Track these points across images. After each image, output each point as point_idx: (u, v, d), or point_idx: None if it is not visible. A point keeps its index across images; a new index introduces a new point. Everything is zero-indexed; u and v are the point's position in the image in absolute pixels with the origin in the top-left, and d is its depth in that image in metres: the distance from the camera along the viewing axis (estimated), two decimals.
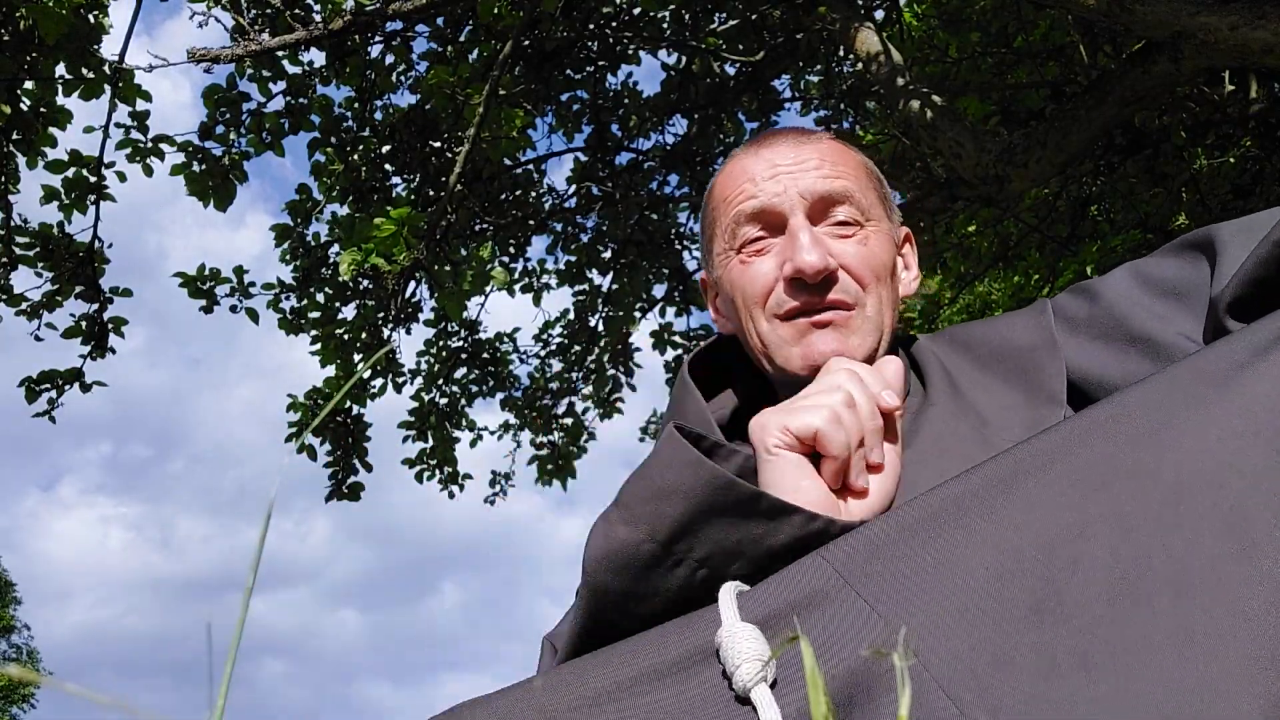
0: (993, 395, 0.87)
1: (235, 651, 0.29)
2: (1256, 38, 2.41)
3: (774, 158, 0.92)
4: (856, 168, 0.94)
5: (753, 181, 0.92)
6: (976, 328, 0.95)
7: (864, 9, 4.13)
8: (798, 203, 0.90)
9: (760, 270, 0.91)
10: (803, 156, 0.92)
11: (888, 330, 0.92)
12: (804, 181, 0.90)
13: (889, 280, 0.93)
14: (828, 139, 0.96)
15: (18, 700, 22.59)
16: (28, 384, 4.34)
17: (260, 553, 0.31)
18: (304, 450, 5.02)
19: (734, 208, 0.93)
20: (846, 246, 0.90)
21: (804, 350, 0.89)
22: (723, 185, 0.97)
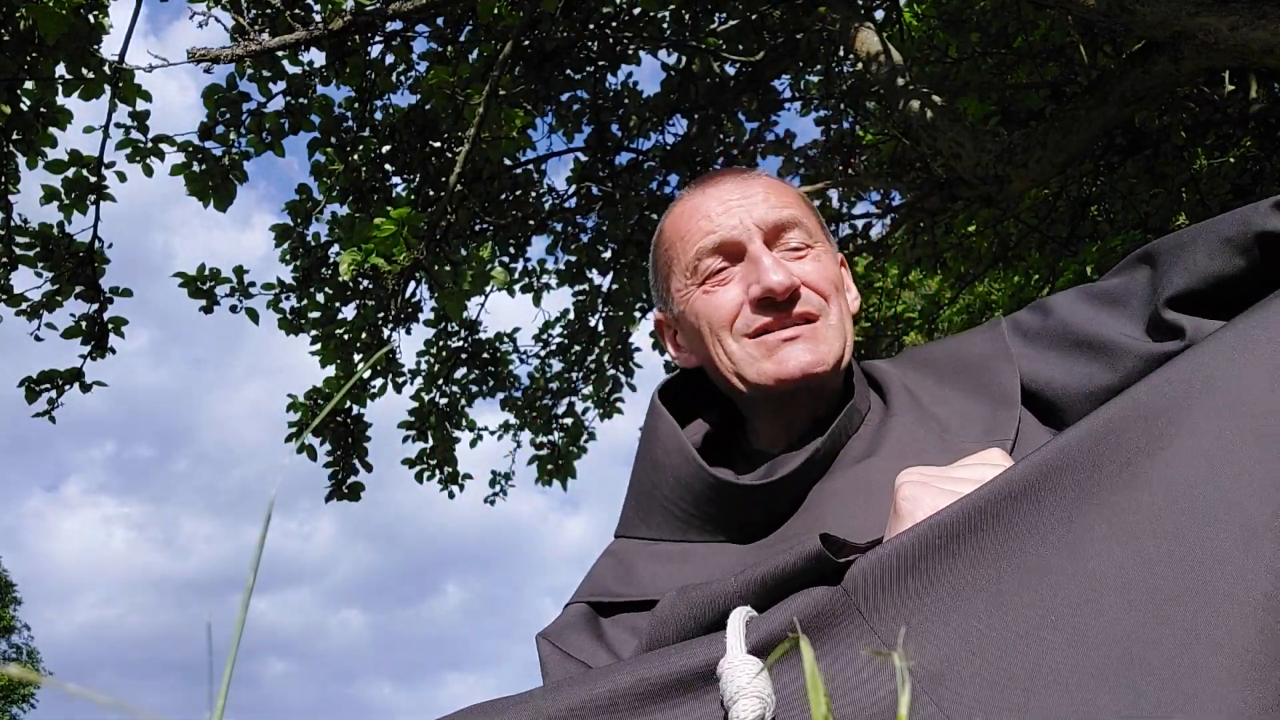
0: (952, 405, 0.93)
1: (235, 651, 0.29)
2: (1256, 38, 2.41)
3: (722, 194, 0.99)
4: (796, 198, 1.02)
5: (708, 218, 0.98)
6: (934, 347, 1.03)
7: (864, 9, 4.13)
8: (754, 231, 0.96)
9: (726, 297, 0.96)
10: (749, 191, 0.99)
11: (849, 339, 0.98)
12: (756, 212, 0.97)
13: (842, 293, 1.00)
14: (766, 175, 1.04)
15: (18, 700, 22.59)
16: (28, 384, 4.34)
17: (260, 553, 0.31)
18: (304, 450, 5.02)
19: (694, 244, 0.98)
20: (804, 265, 0.97)
21: (777, 364, 0.94)
22: (675, 226, 1.02)
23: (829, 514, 0.88)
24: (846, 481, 0.90)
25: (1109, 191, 4.91)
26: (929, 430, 0.91)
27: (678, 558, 0.93)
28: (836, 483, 0.91)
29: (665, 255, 1.03)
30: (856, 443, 0.95)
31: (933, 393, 0.96)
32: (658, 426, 0.99)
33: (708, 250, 0.97)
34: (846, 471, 0.92)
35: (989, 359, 0.95)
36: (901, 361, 1.03)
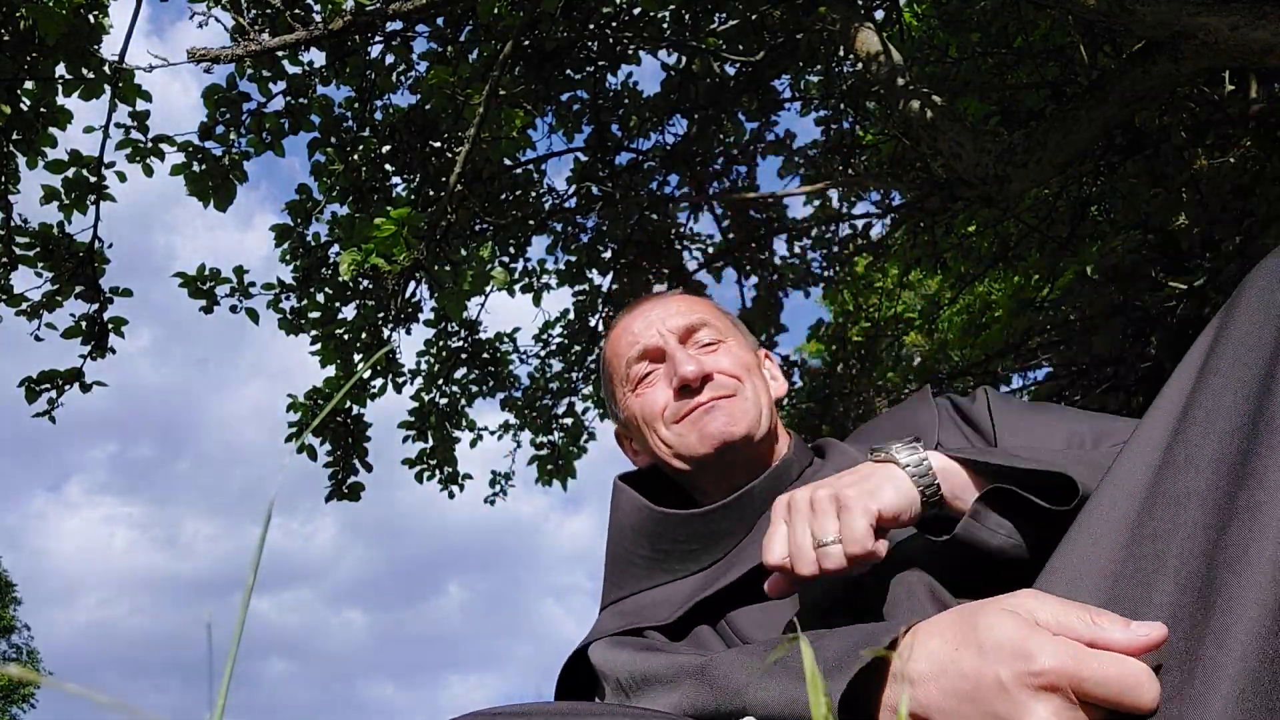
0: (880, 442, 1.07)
1: (235, 651, 0.29)
2: (1256, 38, 2.40)
3: (643, 312, 1.18)
4: (706, 305, 1.21)
5: (631, 333, 1.17)
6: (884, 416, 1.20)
7: (864, 9, 4.13)
8: (669, 335, 1.15)
9: (654, 394, 1.14)
10: (665, 306, 1.18)
11: (766, 412, 1.12)
12: (670, 321, 1.16)
13: (756, 375, 1.15)
14: (680, 293, 1.24)
15: (18, 700, 22.59)
16: (28, 384, 4.34)
17: (260, 553, 0.31)
18: (304, 450, 5.02)
19: (623, 358, 1.17)
20: (715, 356, 1.14)
21: (700, 432, 1.08)
22: (611, 348, 1.21)
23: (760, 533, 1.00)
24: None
25: (1109, 191, 4.91)
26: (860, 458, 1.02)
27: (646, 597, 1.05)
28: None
29: (608, 374, 1.22)
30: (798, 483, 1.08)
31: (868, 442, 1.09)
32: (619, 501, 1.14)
33: (634, 359, 1.16)
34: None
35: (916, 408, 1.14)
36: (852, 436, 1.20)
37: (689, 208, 5.72)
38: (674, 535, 1.06)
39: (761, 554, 0.85)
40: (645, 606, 1.04)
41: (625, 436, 1.24)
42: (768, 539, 0.84)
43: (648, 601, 1.05)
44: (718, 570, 1.02)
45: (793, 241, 5.91)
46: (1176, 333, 5.00)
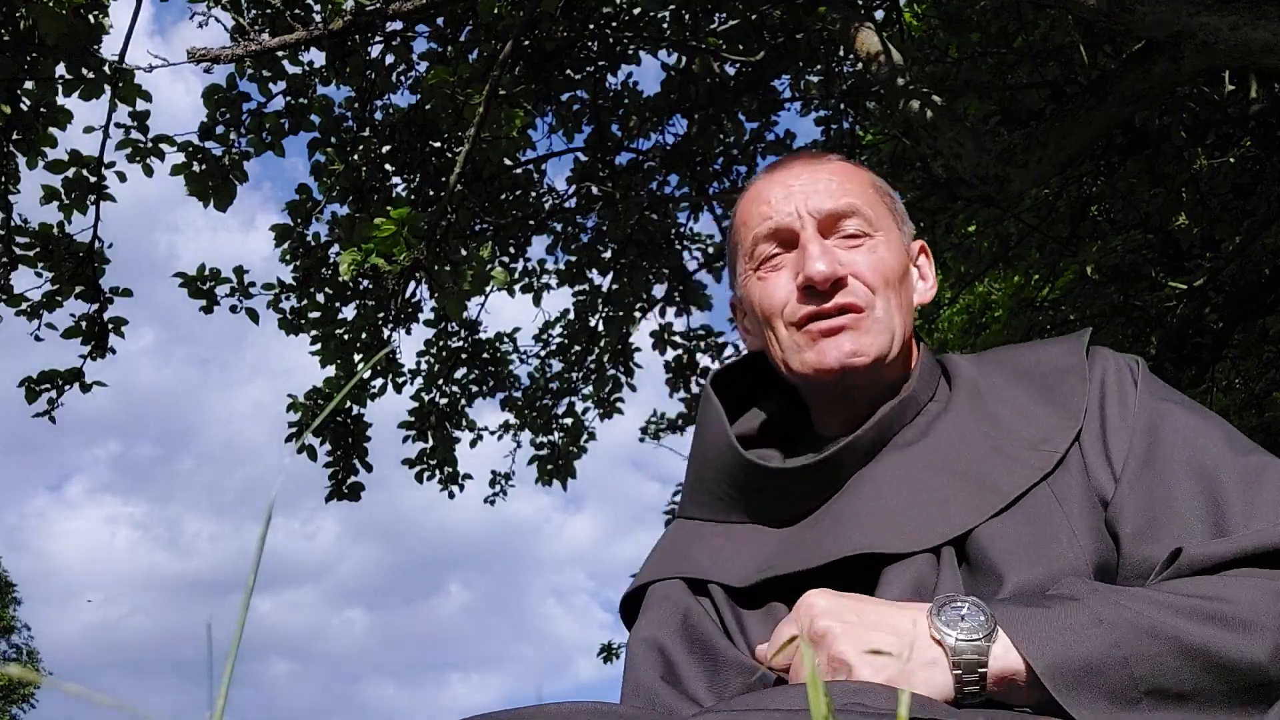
0: (1013, 405, 0.94)
1: (236, 651, 0.29)
2: (1256, 38, 2.40)
3: (787, 179, 1.01)
4: (864, 185, 1.02)
5: (768, 204, 1.00)
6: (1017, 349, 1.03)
7: (864, 9, 4.13)
8: (808, 220, 0.97)
9: (777, 284, 0.98)
10: (814, 177, 1.00)
11: (899, 333, 0.98)
12: (814, 201, 0.98)
13: (899, 286, 0.99)
14: (837, 160, 1.04)
15: (18, 700, 22.58)
16: (28, 384, 4.34)
17: (260, 553, 0.31)
18: (304, 450, 5.02)
19: (752, 230, 1.01)
20: (855, 255, 0.97)
21: (817, 355, 0.95)
22: (743, 211, 1.05)
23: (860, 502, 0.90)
24: (885, 469, 0.92)
25: (1109, 191, 4.91)
26: (979, 426, 0.93)
27: (721, 537, 0.97)
28: (875, 470, 0.92)
29: (734, 240, 1.06)
30: (909, 431, 0.96)
31: (999, 391, 0.96)
32: (707, 414, 1.02)
33: (763, 236, 1.00)
34: (888, 458, 0.93)
35: (1066, 373, 0.95)
36: (982, 358, 1.04)
37: (689, 208, 5.72)
38: (756, 484, 0.96)
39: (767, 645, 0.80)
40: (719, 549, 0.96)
41: (739, 311, 1.10)
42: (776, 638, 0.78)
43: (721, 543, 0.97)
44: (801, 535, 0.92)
45: None
46: (1176, 333, 5.00)
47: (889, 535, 0.85)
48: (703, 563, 0.96)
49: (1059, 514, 0.83)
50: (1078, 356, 0.96)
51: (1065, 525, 0.82)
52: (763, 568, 0.91)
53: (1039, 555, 0.81)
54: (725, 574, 0.93)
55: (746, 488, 0.97)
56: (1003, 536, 0.83)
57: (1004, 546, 0.82)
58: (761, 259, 1.00)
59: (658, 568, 1.00)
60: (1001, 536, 0.83)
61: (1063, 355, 0.97)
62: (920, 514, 0.86)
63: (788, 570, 0.88)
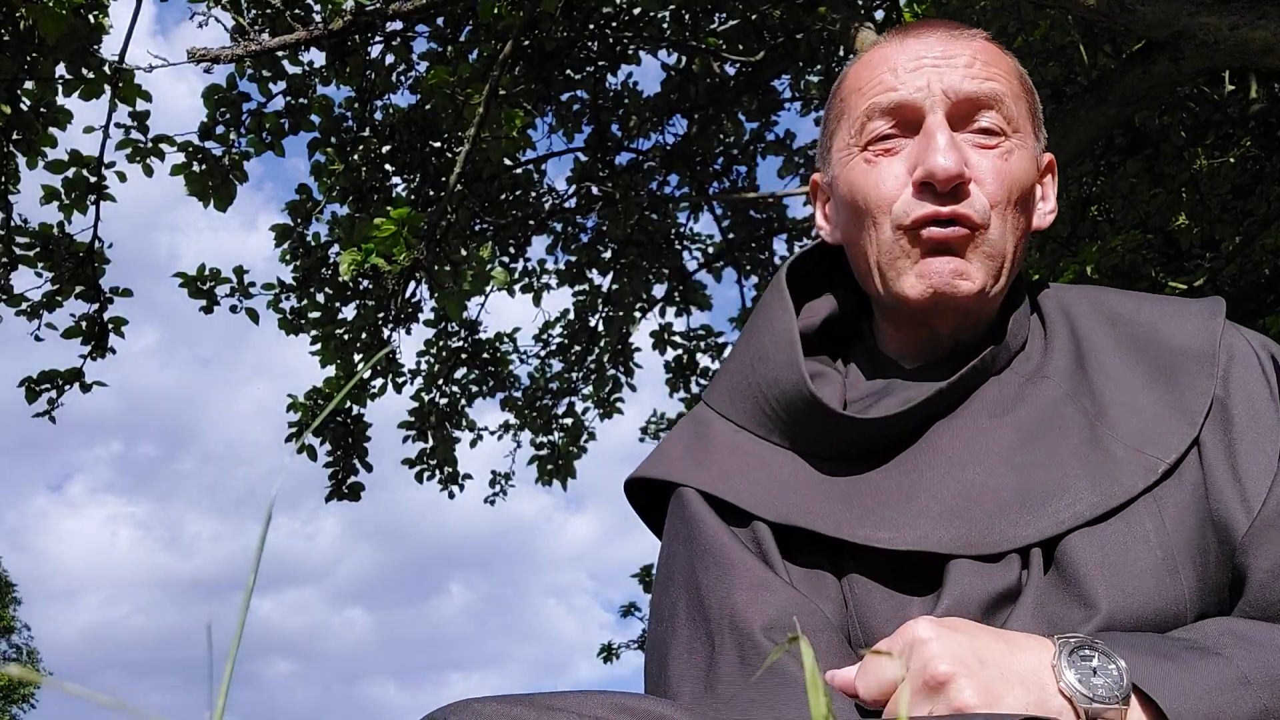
0: (1121, 385, 0.79)
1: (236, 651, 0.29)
2: (1256, 38, 2.41)
3: (920, 49, 0.82)
4: (1010, 73, 0.84)
5: (893, 72, 0.82)
6: (1131, 302, 0.85)
7: (864, 9, 4.14)
8: (939, 100, 0.80)
9: (889, 173, 0.81)
10: (953, 52, 0.82)
11: (1010, 259, 0.81)
12: (950, 78, 0.80)
13: (1021, 205, 0.82)
14: (983, 37, 0.85)
15: (18, 700, 22.58)
16: (28, 384, 4.34)
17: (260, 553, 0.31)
18: (304, 450, 5.02)
19: (868, 99, 0.83)
20: (985, 158, 0.80)
21: (917, 275, 0.79)
22: (857, 74, 0.86)
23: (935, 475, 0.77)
24: (965, 437, 0.78)
25: (1109, 191, 4.91)
26: (1080, 408, 0.78)
27: (753, 458, 0.82)
28: (956, 434, 0.79)
29: (838, 107, 0.88)
30: (994, 388, 0.81)
31: (1104, 359, 0.80)
32: (773, 311, 0.87)
33: (880, 109, 0.82)
34: (970, 423, 0.79)
35: (1188, 358, 0.79)
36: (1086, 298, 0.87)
37: (689, 208, 5.72)
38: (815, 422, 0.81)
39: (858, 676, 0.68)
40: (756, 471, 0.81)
41: (822, 192, 0.92)
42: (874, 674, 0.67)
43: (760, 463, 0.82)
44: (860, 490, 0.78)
45: (793, 241, 5.91)
46: None
47: (963, 530, 0.73)
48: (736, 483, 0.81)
49: (1164, 536, 0.72)
50: (1209, 340, 0.79)
51: (1168, 552, 0.71)
52: (807, 511, 0.77)
53: (1135, 584, 0.70)
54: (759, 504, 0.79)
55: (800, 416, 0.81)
56: (1095, 553, 0.71)
57: (1096, 566, 0.71)
58: (873, 136, 0.82)
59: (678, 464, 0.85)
60: (1094, 553, 0.71)
61: (1190, 335, 0.80)
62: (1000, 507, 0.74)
63: (839, 535, 0.75)
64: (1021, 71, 0.87)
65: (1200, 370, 0.78)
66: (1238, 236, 4.51)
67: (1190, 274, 4.84)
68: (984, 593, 0.71)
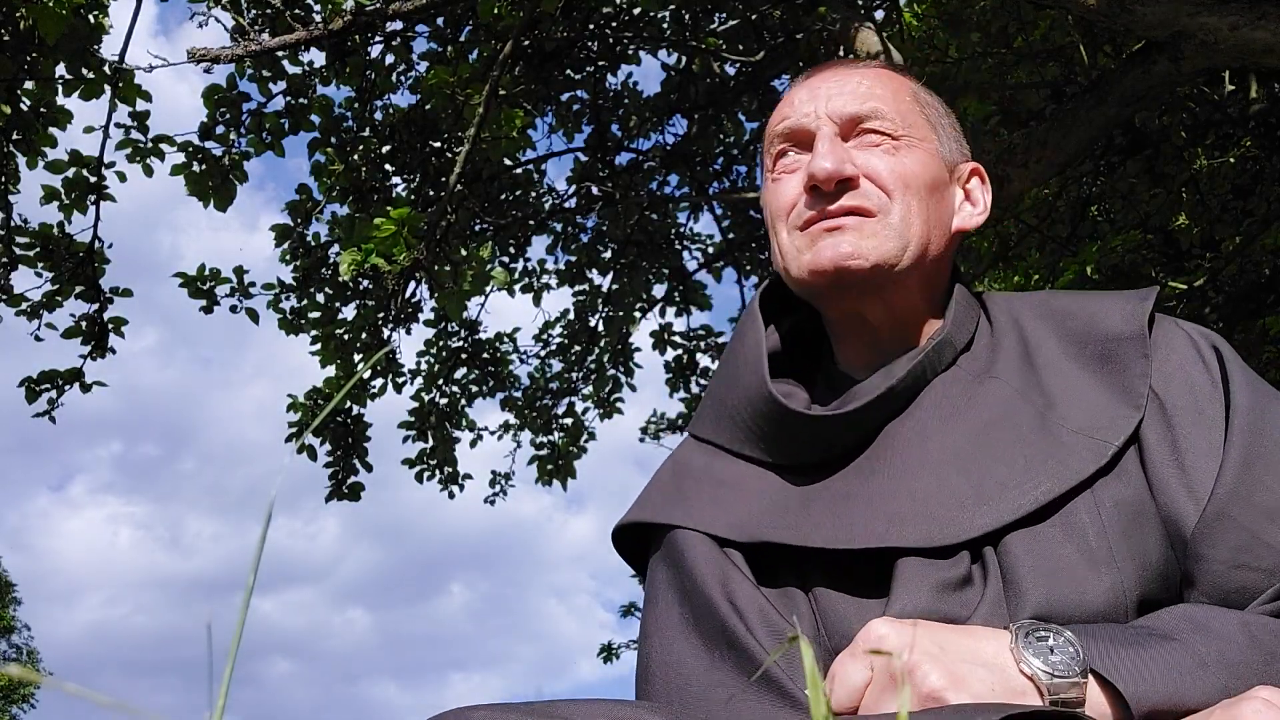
0: (1067, 378, 0.83)
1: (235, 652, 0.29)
2: (1256, 38, 2.41)
3: (816, 83, 0.93)
4: (899, 90, 0.93)
5: (791, 105, 0.93)
6: (1071, 301, 0.90)
7: (864, 9, 4.14)
8: (825, 121, 0.89)
9: (788, 186, 0.91)
10: (842, 80, 0.92)
11: (917, 245, 0.86)
12: (835, 103, 0.90)
13: (926, 196, 0.88)
14: (876, 66, 0.96)
15: (18, 700, 22.59)
16: (28, 384, 4.35)
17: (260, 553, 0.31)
18: (304, 450, 5.02)
19: (773, 131, 0.94)
20: (873, 155, 0.88)
21: (813, 255, 0.86)
22: (773, 115, 0.97)
23: (887, 474, 0.81)
24: (917, 437, 0.82)
25: (1109, 191, 4.91)
26: (1030, 402, 0.82)
27: (725, 483, 0.88)
28: (907, 434, 0.83)
29: (764, 146, 1.00)
30: (943, 387, 0.85)
31: (1051, 357, 0.85)
32: (746, 332, 0.94)
33: (780, 136, 0.93)
34: (921, 423, 0.83)
35: (1123, 342, 0.83)
36: (1030, 302, 0.92)
37: (689, 208, 5.72)
38: (780, 425, 0.86)
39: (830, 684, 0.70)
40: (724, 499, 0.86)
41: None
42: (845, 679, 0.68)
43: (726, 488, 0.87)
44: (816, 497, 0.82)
45: None
46: None
47: (917, 526, 0.76)
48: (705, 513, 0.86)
49: (1100, 531, 0.74)
50: (1138, 322, 0.84)
51: (1105, 544, 0.74)
52: (768, 528, 0.82)
53: (1069, 578, 0.73)
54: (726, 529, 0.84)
55: (767, 424, 0.87)
56: (1037, 546, 0.74)
57: (1037, 559, 0.73)
58: (776, 157, 0.93)
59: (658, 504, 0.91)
60: (1035, 546, 0.74)
61: (1122, 320, 0.85)
62: (952, 503, 0.77)
63: (798, 542, 0.79)
64: (919, 90, 0.96)
65: (1135, 351, 0.82)
66: (1238, 236, 4.51)
67: (1190, 274, 4.84)
68: (939, 588, 0.74)
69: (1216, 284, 4.81)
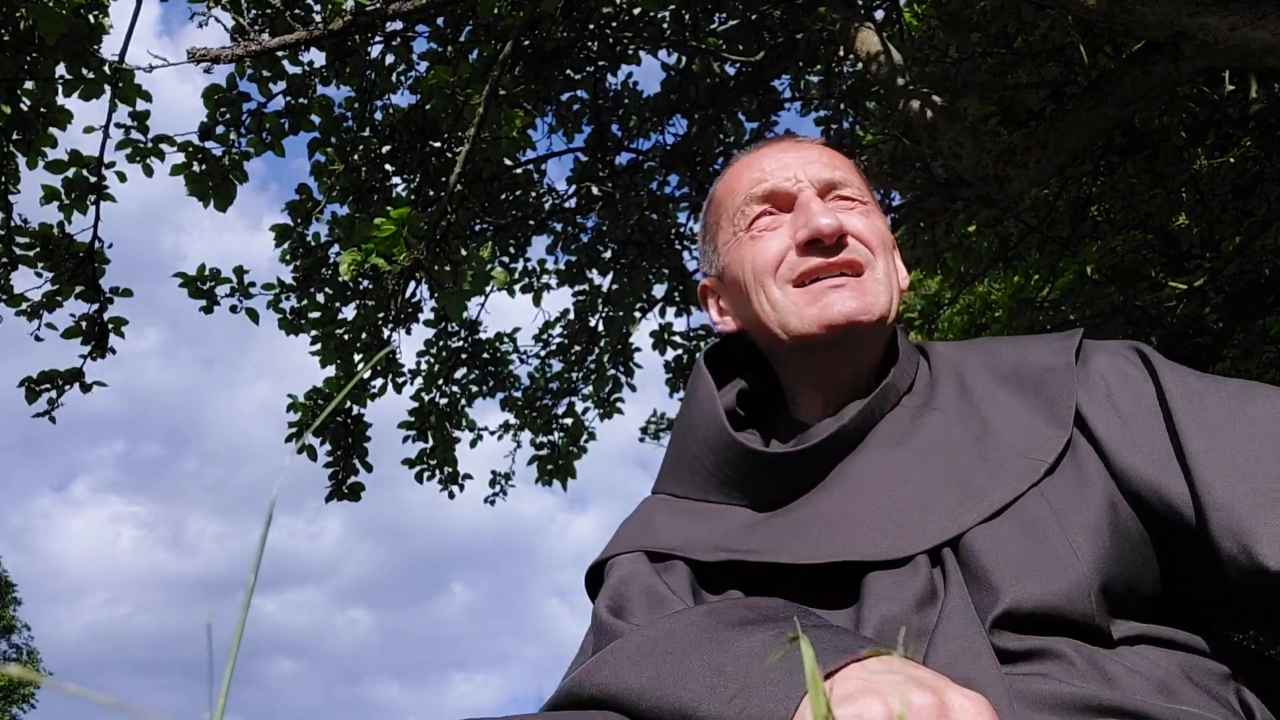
0: (1001, 406, 0.89)
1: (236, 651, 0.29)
2: (1256, 38, 2.40)
3: (777, 153, 0.99)
4: (850, 165, 1.01)
5: (761, 170, 0.97)
6: (1002, 343, 0.97)
7: (864, 9, 4.13)
8: (807, 184, 0.95)
9: (773, 243, 0.94)
10: (805, 151, 0.99)
11: (896, 297, 0.95)
12: (810, 169, 0.96)
13: (891, 255, 0.97)
14: (820, 142, 1.03)
15: (18, 700, 22.59)
16: (28, 384, 4.35)
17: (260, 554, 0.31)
18: (304, 450, 5.02)
19: (744, 193, 0.97)
20: (853, 216, 0.95)
21: (821, 309, 0.90)
22: (728, 182, 1.01)
23: (843, 499, 0.85)
24: (867, 465, 0.87)
25: (1109, 191, 4.91)
26: (968, 430, 0.87)
27: (695, 515, 0.94)
28: (858, 464, 0.88)
29: (714, 213, 1.03)
30: (889, 424, 0.91)
31: (984, 389, 0.91)
32: (697, 388, 0.99)
33: (758, 197, 0.96)
34: (872, 454, 0.88)
35: (1051, 370, 0.89)
36: (965, 349, 0.99)
37: (689, 208, 5.72)
38: (741, 465, 0.91)
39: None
40: (686, 527, 0.92)
41: (712, 292, 1.05)
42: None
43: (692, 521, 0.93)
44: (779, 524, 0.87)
45: None
46: (1176, 333, 5.00)
47: (874, 540, 0.80)
48: (668, 537, 0.92)
49: (1054, 523, 0.78)
50: (1066, 354, 0.90)
51: (1061, 535, 0.77)
52: (728, 548, 0.87)
53: (1034, 566, 0.75)
54: (690, 548, 0.89)
55: (729, 467, 0.92)
56: (997, 545, 0.77)
57: (998, 557, 0.76)
58: (753, 219, 0.96)
59: (622, 541, 0.96)
60: (996, 545, 0.77)
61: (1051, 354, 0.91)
62: (904, 517, 0.81)
63: (761, 559, 0.83)
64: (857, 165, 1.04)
65: (1064, 380, 0.88)
66: (1238, 236, 4.51)
67: (1190, 274, 4.84)
68: (900, 596, 0.77)
69: (1216, 284, 4.81)
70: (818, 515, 0.85)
